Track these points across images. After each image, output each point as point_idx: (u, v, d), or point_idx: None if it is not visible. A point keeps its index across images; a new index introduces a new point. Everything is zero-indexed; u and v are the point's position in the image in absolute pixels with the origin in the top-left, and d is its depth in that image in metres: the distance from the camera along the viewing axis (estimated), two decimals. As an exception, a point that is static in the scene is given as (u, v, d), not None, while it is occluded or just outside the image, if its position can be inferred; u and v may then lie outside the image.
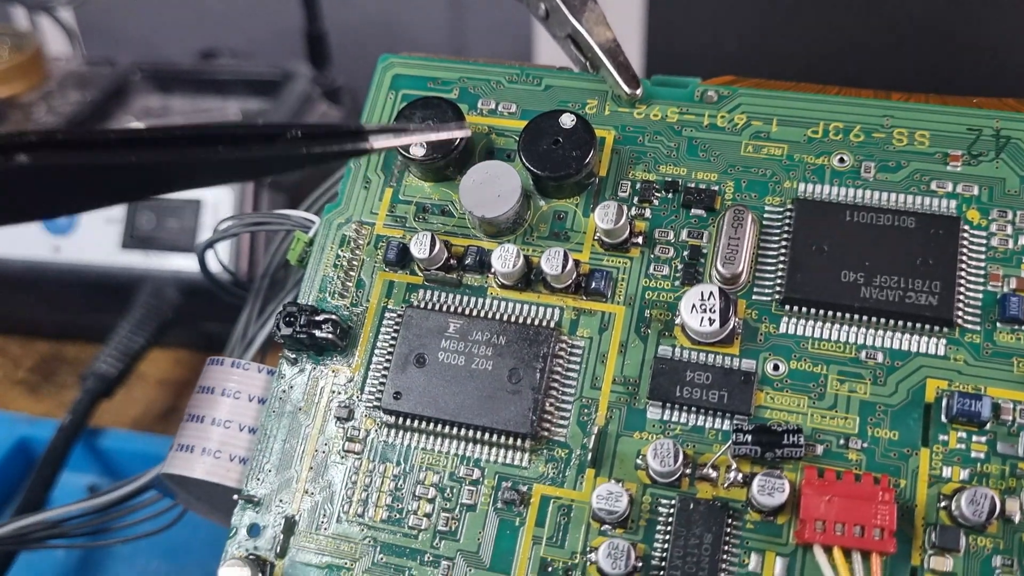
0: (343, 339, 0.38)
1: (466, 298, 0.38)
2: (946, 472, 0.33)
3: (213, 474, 0.38)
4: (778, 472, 0.33)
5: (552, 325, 0.37)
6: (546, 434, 0.36)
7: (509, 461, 0.36)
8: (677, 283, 0.37)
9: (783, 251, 0.37)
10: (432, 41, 0.94)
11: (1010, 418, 0.34)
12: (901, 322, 0.35)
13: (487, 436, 0.36)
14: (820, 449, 0.34)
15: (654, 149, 0.40)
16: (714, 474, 0.34)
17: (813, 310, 0.36)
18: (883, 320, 0.35)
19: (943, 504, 0.33)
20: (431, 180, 0.41)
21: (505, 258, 0.37)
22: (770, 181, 0.38)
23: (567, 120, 0.39)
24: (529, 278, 0.38)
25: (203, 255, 0.46)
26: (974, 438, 0.34)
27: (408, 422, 0.37)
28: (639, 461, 0.35)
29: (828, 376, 0.35)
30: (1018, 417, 0.34)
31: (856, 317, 0.36)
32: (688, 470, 0.35)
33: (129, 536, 0.47)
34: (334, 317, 0.38)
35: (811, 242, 0.37)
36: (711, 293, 0.35)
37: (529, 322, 0.37)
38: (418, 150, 0.39)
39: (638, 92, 0.40)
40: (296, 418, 0.38)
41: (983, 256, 0.36)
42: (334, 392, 0.38)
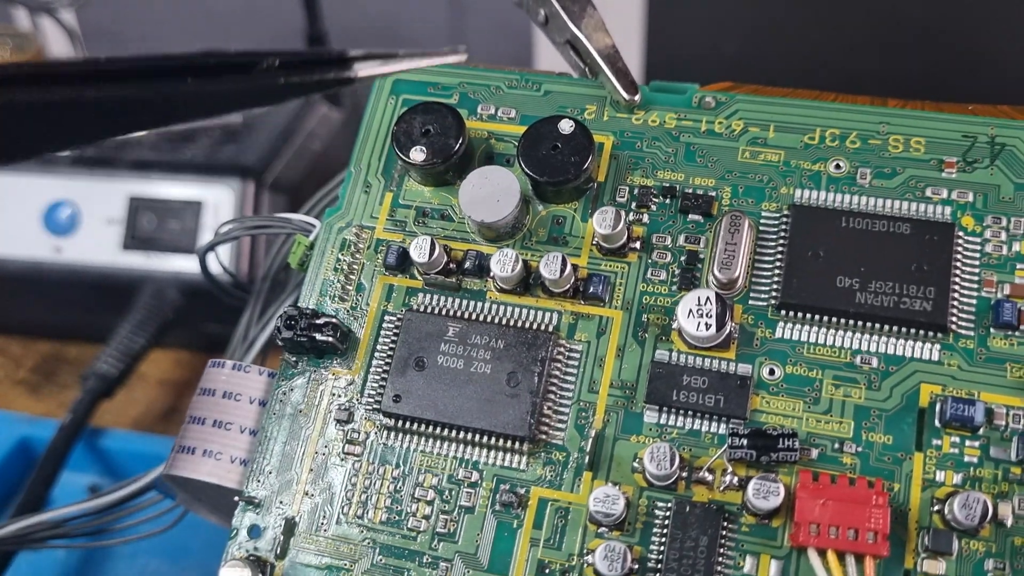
0: (343, 342, 0.39)
1: (465, 302, 0.39)
2: (939, 476, 0.34)
3: (214, 475, 0.38)
4: (773, 476, 0.33)
5: (550, 329, 0.38)
6: (544, 437, 0.36)
7: (507, 464, 0.36)
8: (674, 288, 0.38)
9: (779, 256, 0.37)
10: (432, 45, 0.94)
11: (1003, 423, 0.34)
12: (896, 327, 0.36)
13: (485, 439, 0.36)
14: (815, 453, 0.35)
15: (652, 155, 0.40)
16: (710, 477, 0.35)
17: (809, 315, 0.36)
18: (878, 325, 0.36)
19: (936, 508, 0.33)
20: (431, 185, 0.41)
21: (504, 262, 0.37)
22: (767, 187, 0.39)
23: (566, 126, 0.39)
24: (528, 282, 0.38)
25: (204, 257, 0.46)
26: (967, 443, 0.34)
27: (407, 425, 0.37)
28: (636, 464, 0.35)
29: (823, 381, 0.36)
30: (1011, 422, 0.34)
31: (851, 322, 0.36)
32: (684, 473, 0.35)
33: (130, 536, 0.48)
34: (334, 320, 0.38)
35: (807, 248, 0.37)
36: (708, 298, 0.36)
37: (527, 326, 0.38)
38: (418, 155, 0.39)
39: (636, 98, 0.40)
40: (296, 420, 0.38)
41: (977, 262, 0.36)
42: (334, 395, 0.38)
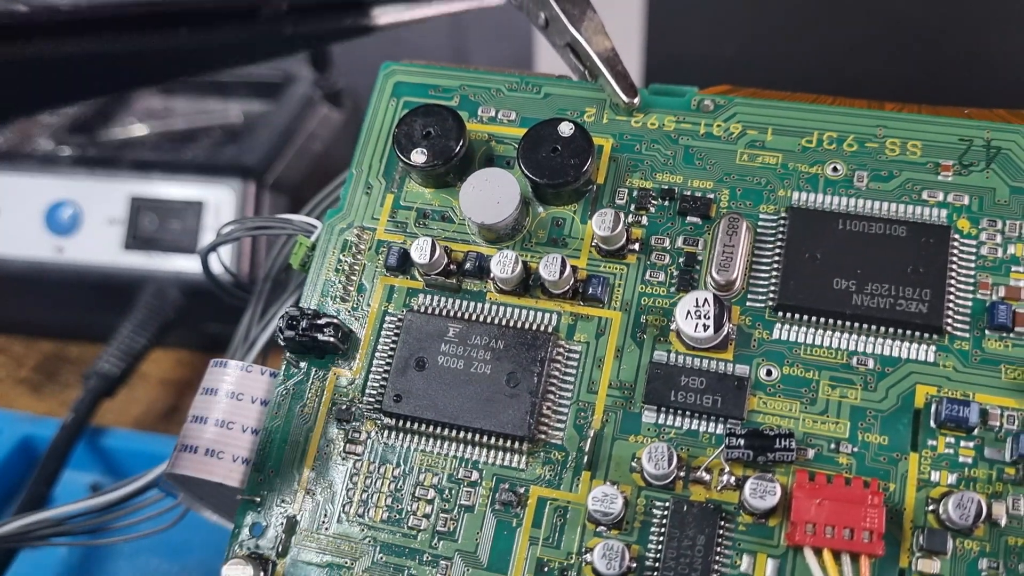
0: (344, 342, 0.39)
1: (465, 303, 0.39)
2: (934, 476, 0.34)
3: (216, 474, 0.38)
4: (770, 475, 0.34)
5: (550, 330, 0.38)
6: (543, 437, 0.37)
7: (507, 463, 0.37)
8: (673, 289, 0.38)
9: (777, 259, 0.37)
10: (433, 50, 0.94)
11: (997, 424, 0.34)
12: (892, 329, 0.36)
13: (485, 439, 0.36)
14: (811, 453, 0.35)
15: (651, 157, 0.40)
16: (707, 477, 0.35)
17: (806, 317, 0.36)
18: (874, 327, 0.36)
19: (931, 508, 0.33)
20: (432, 186, 0.41)
21: (504, 264, 0.38)
22: (765, 189, 0.39)
23: (566, 128, 0.39)
24: (527, 283, 0.39)
25: (206, 258, 0.47)
26: (962, 443, 0.34)
27: (408, 424, 0.37)
28: (634, 464, 0.36)
29: (820, 381, 0.36)
30: (1005, 423, 0.34)
31: (848, 324, 0.36)
32: (682, 473, 0.35)
33: (131, 535, 0.48)
34: (336, 321, 0.38)
35: (804, 250, 0.37)
36: (706, 299, 0.36)
37: (527, 327, 0.38)
38: (419, 157, 0.40)
39: (636, 101, 0.41)
40: (298, 420, 0.39)
41: (973, 265, 0.37)
42: (335, 395, 0.39)
